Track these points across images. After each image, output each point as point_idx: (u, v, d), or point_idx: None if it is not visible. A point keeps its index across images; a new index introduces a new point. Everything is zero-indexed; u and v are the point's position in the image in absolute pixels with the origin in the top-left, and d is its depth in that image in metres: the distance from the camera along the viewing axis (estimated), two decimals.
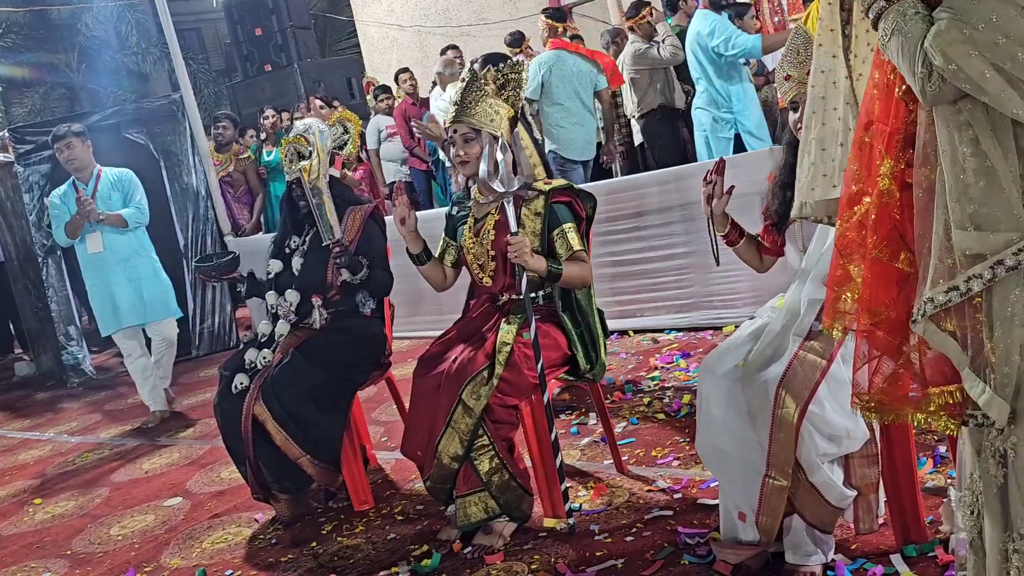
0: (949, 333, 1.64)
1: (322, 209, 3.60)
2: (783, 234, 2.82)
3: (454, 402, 3.01)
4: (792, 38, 2.67)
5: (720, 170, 2.82)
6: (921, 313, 1.66)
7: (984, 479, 1.67)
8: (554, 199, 3.20)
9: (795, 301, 2.63)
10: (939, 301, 1.63)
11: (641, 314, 5.55)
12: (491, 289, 3.31)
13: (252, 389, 3.57)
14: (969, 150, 1.57)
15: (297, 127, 3.77)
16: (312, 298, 3.77)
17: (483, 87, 3.22)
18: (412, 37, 13.43)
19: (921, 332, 1.67)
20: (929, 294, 1.64)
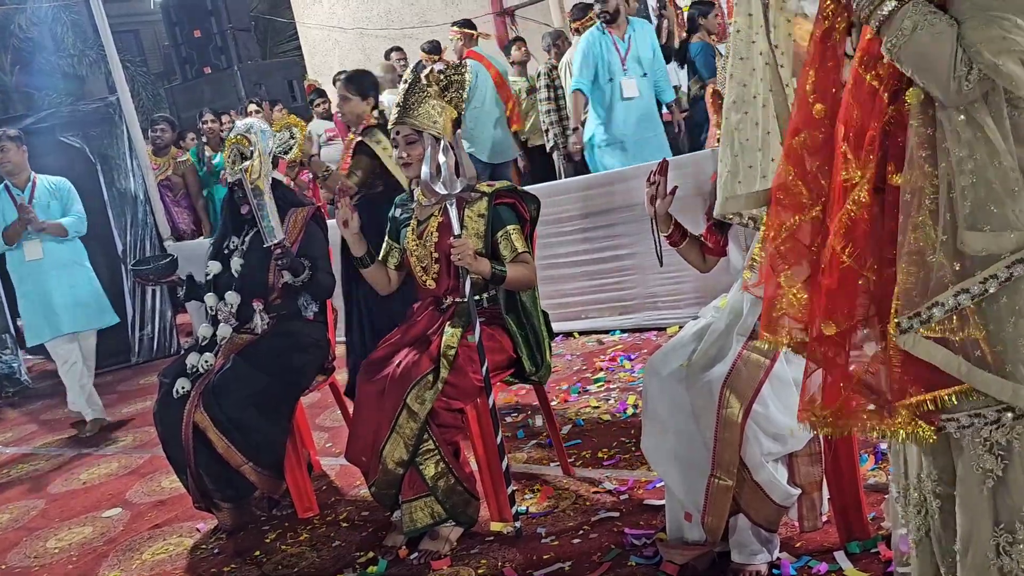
0: (934, 340, 1.59)
1: (263, 210, 3.54)
2: (726, 234, 2.83)
3: (399, 407, 2.97)
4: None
5: (663, 171, 2.83)
6: (920, 322, 1.59)
7: (969, 476, 1.64)
8: (498, 201, 3.19)
9: (738, 301, 2.64)
10: (949, 306, 1.56)
11: (586, 315, 5.56)
12: (435, 292, 3.28)
13: (193, 395, 3.51)
14: (984, 149, 1.53)
15: (238, 127, 3.71)
16: (253, 302, 3.72)
17: (426, 88, 3.20)
18: (354, 39, 13.34)
19: (910, 344, 1.60)
20: (940, 298, 1.57)
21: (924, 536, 1.79)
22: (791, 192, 1.78)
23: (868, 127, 1.64)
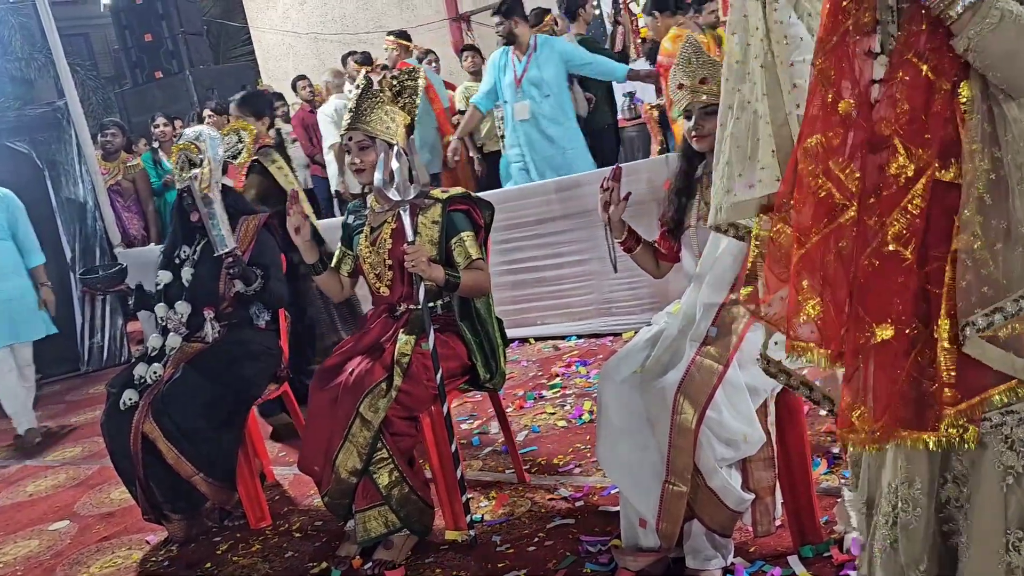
0: (987, 339, 1.56)
1: (214, 219, 3.49)
2: (679, 240, 2.85)
3: (352, 415, 2.94)
4: (683, 47, 2.70)
5: (617, 177, 2.83)
6: (981, 327, 1.55)
7: (989, 473, 1.63)
8: (451, 207, 3.17)
9: (691, 306, 2.65)
10: (1010, 311, 1.53)
11: (542, 322, 5.56)
12: (388, 299, 3.25)
13: (141, 406, 3.44)
14: None
15: (187, 134, 3.65)
16: (204, 310, 3.66)
17: (378, 94, 3.17)
18: (308, 44, 13.26)
19: (974, 348, 1.56)
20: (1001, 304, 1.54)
21: (890, 546, 1.77)
22: (817, 195, 1.72)
23: (924, 119, 1.61)
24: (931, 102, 1.60)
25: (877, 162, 1.66)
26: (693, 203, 2.78)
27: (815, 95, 1.73)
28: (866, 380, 1.67)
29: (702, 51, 2.68)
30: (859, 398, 1.68)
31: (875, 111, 1.66)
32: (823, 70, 1.71)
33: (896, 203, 1.61)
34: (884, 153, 1.64)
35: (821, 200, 1.71)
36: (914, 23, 1.61)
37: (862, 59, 1.69)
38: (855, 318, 1.68)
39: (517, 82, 6.27)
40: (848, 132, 1.69)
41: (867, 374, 1.67)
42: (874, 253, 1.64)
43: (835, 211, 1.70)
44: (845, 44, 1.69)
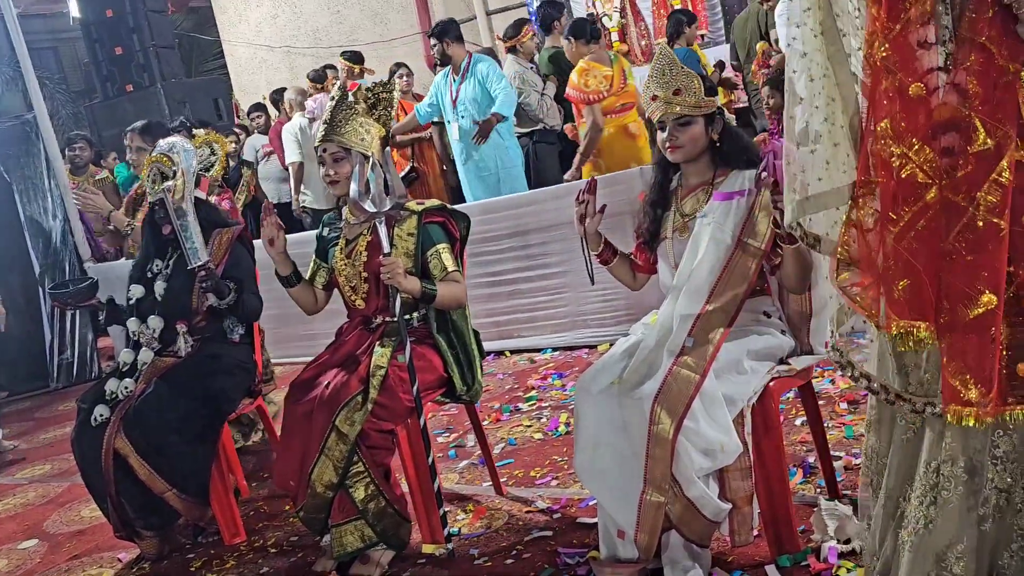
0: None
1: (187, 231, 3.46)
2: (655, 252, 2.85)
3: (327, 429, 2.92)
4: (657, 59, 2.71)
5: (592, 190, 2.84)
6: None
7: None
8: (427, 219, 3.16)
9: (668, 317, 2.65)
10: None
11: (518, 334, 5.55)
12: (364, 311, 3.24)
13: (113, 421, 3.40)
14: None
15: (161, 146, 3.63)
16: (177, 324, 3.63)
17: (353, 106, 3.16)
18: (281, 58, 13.24)
19: None
20: None
21: (924, 527, 1.86)
22: (900, 175, 1.80)
23: (997, 98, 1.72)
24: (1001, 83, 1.71)
25: (946, 143, 1.76)
26: (669, 215, 2.79)
27: (879, 82, 1.83)
28: (975, 352, 1.74)
29: (676, 62, 2.69)
30: (967, 371, 1.75)
31: (945, 94, 1.77)
32: (886, 58, 1.81)
33: (984, 177, 1.71)
34: (952, 134, 1.76)
35: (904, 180, 1.80)
36: (979, 11, 1.72)
37: (922, 48, 1.80)
38: (953, 292, 1.76)
39: (453, 102, 6.44)
40: (918, 115, 1.79)
41: (971, 346, 1.75)
42: (966, 228, 1.74)
43: (920, 189, 1.79)
44: (906, 33, 1.80)
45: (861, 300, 1.93)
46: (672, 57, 2.69)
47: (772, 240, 2.58)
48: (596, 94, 5.66)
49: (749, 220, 2.61)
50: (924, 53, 1.82)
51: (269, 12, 13.51)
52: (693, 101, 2.65)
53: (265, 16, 13.57)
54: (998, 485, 1.82)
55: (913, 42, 1.82)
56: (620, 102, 5.79)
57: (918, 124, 1.80)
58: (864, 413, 3.41)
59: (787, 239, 2.49)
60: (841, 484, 2.91)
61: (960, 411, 1.75)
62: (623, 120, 5.81)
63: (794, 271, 2.59)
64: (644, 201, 2.86)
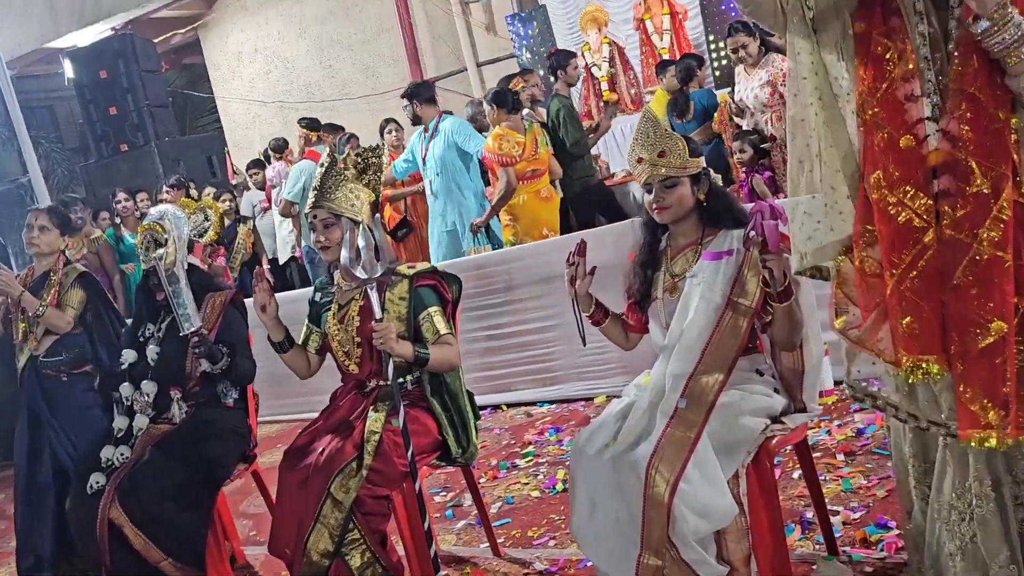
0: None
1: (179, 298, 3.48)
2: (646, 312, 2.86)
3: (323, 496, 2.91)
4: (641, 122, 2.74)
5: (582, 252, 2.85)
6: None
7: None
8: (418, 283, 3.18)
9: (660, 378, 2.65)
10: None
11: (514, 387, 5.54)
12: (358, 376, 3.24)
13: (108, 490, 3.39)
14: None
15: (152, 214, 3.65)
16: (171, 390, 3.63)
17: (343, 172, 3.18)
18: (275, 112, 13.35)
19: None
20: None
21: (970, 541, 2.02)
22: (898, 220, 1.95)
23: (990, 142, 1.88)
24: (992, 129, 1.88)
25: (943, 186, 1.92)
26: (659, 275, 2.80)
27: (871, 137, 2.00)
28: (988, 378, 1.87)
29: (659, 125, 2.72)
30: (984, 396, 1.87)
31: (939, 141, 1.93)
32: (875, 115, 1.99)
33: (985, 215, 1.87)
34: (948, 177, 1.92)
35: (902, 225, 1.94)
36: (966, 64, 1.90)
37: (910, 101, 1.96)
38: (961, 325, 1.89)
39: (422, 160, 6.71)
40: (910, 165, 1.94)
41: (984, 372, 1.87)
42: (972, 262, 1.88)
43: (918, 233, 1.93)
44: (893, 91, 1.97)
45: (864, 340, 2.04)
46: (655, 120, 2.72)
47: (762, 298, 2.59)
48: (509, 157, 6.03)
49: (738, 279, 2.62)
50: (912, 106, 1.97)
51: (262, 68, 13.66)
52: (678, 163, 2.68)
53: (258, 72, 13.71)
54: (1021, 502, 2.00)
55: (901, 97, 1.97)
56: (531, 168, 6.14)
57: (911, 173, 1.94)
58: (861, 464, 3.42)
59: (777, 297, 2.51)
60: (839, 540, 2.90)
61: (981, 435, 1.87)
62: (535, 186, 6.18)
63: (785, 329, 2.60)
64: (634, 262, 2.87)
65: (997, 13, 1.82)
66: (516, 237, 6.12)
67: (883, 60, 1.99)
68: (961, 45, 1.92)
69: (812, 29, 2.08)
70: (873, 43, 2.00)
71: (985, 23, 1.83)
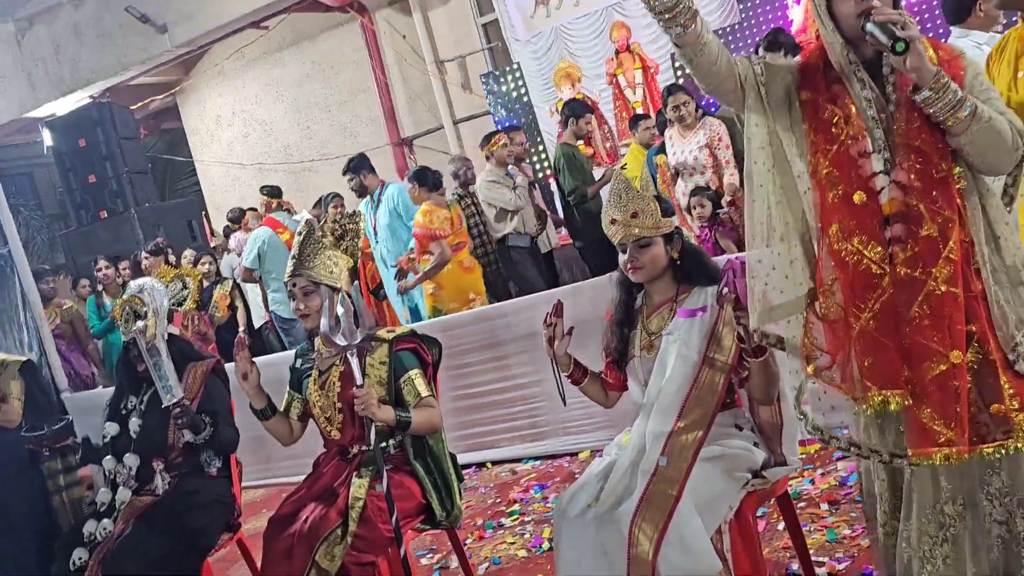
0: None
1: (160, 370, 3.48)
2: (624, 370, 2.89)
3: (308, 565, 2.90)
4: (614, 184, 2.79)
5: (559, 313, 2.88)
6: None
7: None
8: (398, 347, 3.20)
9: (640, 436, 2.68)
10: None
11: (498, 444, 5.53)
12: (340, 442, 3.24)
13: (91, 565, 3.36)
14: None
15: (131, 287, 3.67)
16: (154, 462, 3.61)
17: (321, 239, 3.22)
18: (254, 174, 13.42)
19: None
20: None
21: (942, 564, 2.13)
22: (858, 268, 2.12)
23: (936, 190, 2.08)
24: (937, 178, 2.07)
25: (894, 233, 2.10)
26: (635, 333, 2.84)
27: (825, 194, 2.16)
28: (942, 400, 2.04)
29: (631, 186, 2.77)
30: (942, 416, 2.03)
31: (891, 191, 2.10)
32: (829, 174, 2.16)
33: (936, 255, 2.05)
34: (899, 225, 2.09)
35: (861, 272, 2.11)
36: (909, 122, 2.09)
37: (862, 158, 2.13)
38: (920, 354, 2.06)
39: (374, 229, 7.03)
40: (863, 217, 2.11)
41: (941, 394, 2.04)
42: (927, 298, 2.06)
43: (876, 279, 2.10)
44: (844, 150, 2.14)
45: (833, 381, 2.18)
46: (628, 182, 2.78)
47: (738, 354, 2.63)
48: (441, 231, 6.34)
49: (714, 336, 2.66)
50: (865, 162, 2.14)
51: (240, 131, 13.76)
52: (651, 223, 2.72)
53: (236, 135, 13.81)
54: (997, 518, 2.11)
55: (854, 154, 2.14)
56: (456, 240, 6.46)
57: (864, 224, 2.11)
58: (845, 513, 3.43)
59: (752, 352, 2.55)
60: None
61: (936, 452, 2.03)
62: (458, 257, 6.51)
63: (761, 383, 2.64)
64: (610, 321, 2.91)
65: (936, 83, 2.03)
66: (441, 304, 6.40)
67: (831, 124, 2.16)
68: (902, 106, 2.12)
69: (766, 103, 2.24)
70: (820, 109, 2.18)
71: (926, 92, 2.04)
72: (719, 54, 2.18)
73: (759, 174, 2.25)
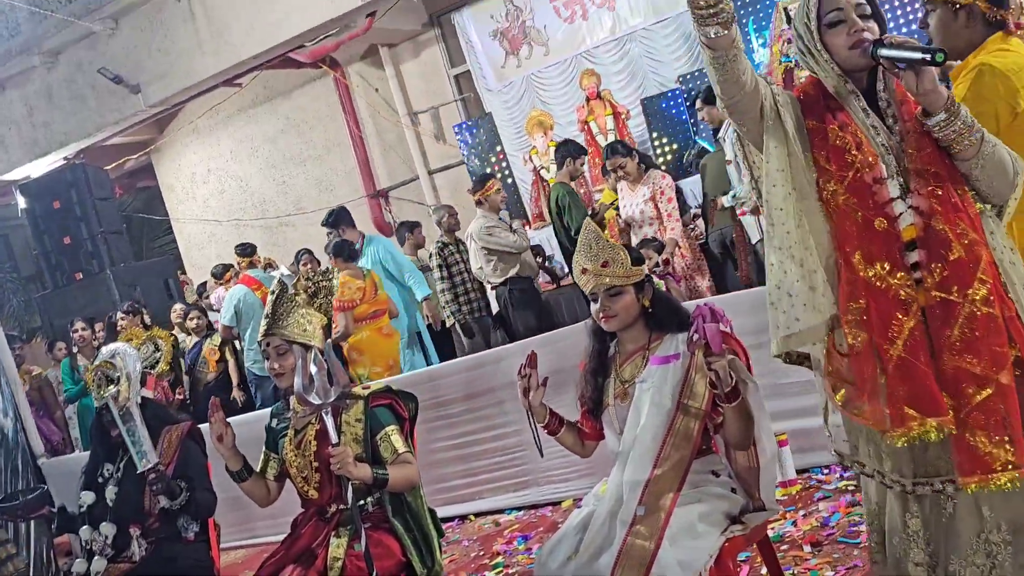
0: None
1: (134, 435, 3.46)
2: (600, 419, 2.89)
3: None
4: (583, 234, 2.81)
5: (532, 364, 2.89)
6: None
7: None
8: (374, 403, 3.19)
9: (617, 486, 2.67)
10: None
11: (480, 496, 5.49)
12: (318, 501, 3.21)
13: None
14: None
15: (103, 353, 3.65)
16: (130, 528, 3.57)
17: (293, 298, 3.21)
18: (230, 230, 13.40)
19: None
20: None
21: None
22: (887, 295, 2.08)
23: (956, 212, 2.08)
24: (954, 201, 2.08)
25: (921, 257, 2.09)
26: (609, 382, 2.84)
27: (845, 221, 2.13)
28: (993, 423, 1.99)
29: (601, 236, 2.79)
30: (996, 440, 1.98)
31: (913, 217, 2.09)
32: (846, 200, 2.13)
33: (970, 276, 2.04)
34: (920, 251, 2.09)
35: (891, 298, 2.07)
36: (920, 148, 2.11)
37: (877, 184, 2.12)
38: (961, 379, 2.02)
39: None
40: (886, 243, 2.09)
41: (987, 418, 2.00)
42: (967, 321, 2.03)
43: (905, 304, 2.06)
44: (860, 177, 2.12)
45: (862, 413, 2.10)
46: (597, 232, 2.80)
47: (711, 400, 2.64)
48: (350, 303, 6.59)
49: (687, 382, 2.67)
50: (880, 188, 2.12)
51: (216, 187, 13.77)
52: (622, 272, 2.74)
53: (212, 191, 13.82)
54: None
55: (869, 180, 2.12)
56: (372, 309, 6.74)
57: (887, 250, 2.09)
58: (828, 555, 3.42)
59: (725, 398, 2.55)
60: None
61: (1000, 476, 1.97)
62: (377, 324, 6.80)
63: (736, 428, 2.64)
64: (584, 370, 2.91)
65: (951, 106, 2.05)
66: (365, 369, 6.62)
67: (843, 151, 2.14)
68: (910, 134, 2.13)
69: (784, 125, 2.18)
70: (829, 136, 2.16)
71: (942, 115, 2.06)
72: (747, 67, 2.12)
73: (777, 198, 2.18)
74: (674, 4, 10.33)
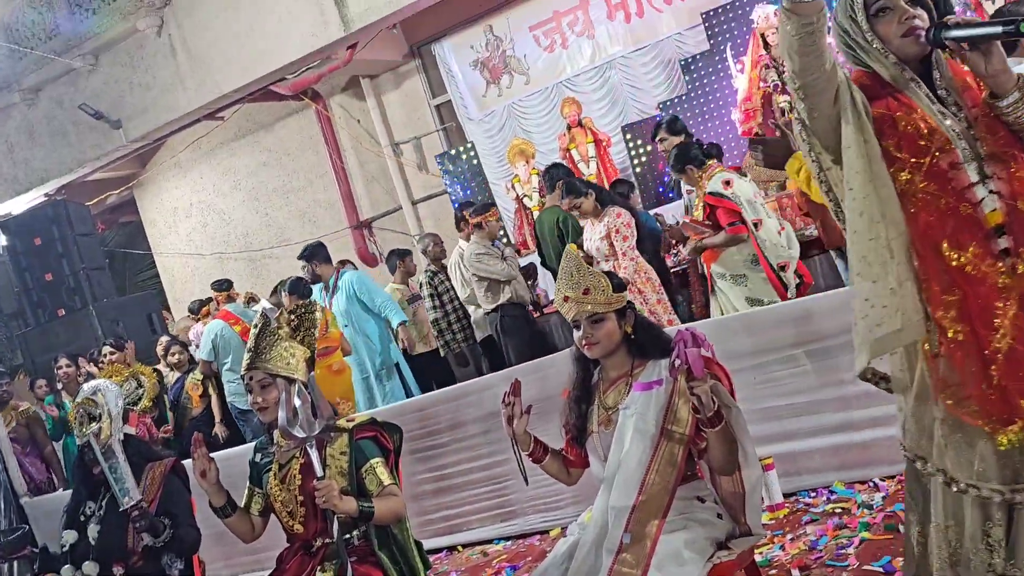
0: None
1: (117, 472, 3.43)
2: (584, 446, 2.88)
3: None
4: (564, 261, 2.82)
5: (516, 392, 2.88)
6: None
7: None
8: (358, 436, 3.17)
9: (602, 513, 2.67)
10: None
11: (468, 527, 5.45)
12: (303, 536, 3.19)
13: None
14: None
15: (85, 390, 3.62)
16: (113, 567, 3.53)
17: (276, 331, 3.20)
18: (213, 263, 13.39)
19: None
20: None
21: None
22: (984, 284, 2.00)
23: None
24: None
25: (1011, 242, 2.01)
26: (593, 409, 2.84)
27: (926, 210, 2.05)
28: None
29: (582, 263, 2.80)
30: None
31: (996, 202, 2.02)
32: (926, 187, 2.05)
33: None
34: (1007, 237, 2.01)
35: (990, 286, 2.00)
36: (992, 131, 2.05)
37: (955, 170, 2.05)
38: None
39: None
40: (972, 229, 2.02)
41: None
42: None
43: (1003, 291, 1.99)
44: (936, 163, 2.05)
45: (977, 414, 2.01)
46: (579, 260, 2.81)
47: (695, 425, 2.64)
48: None
49: (670, 408, 2.67)
50: (958, 173, 2.06)
51: (199, 221, 13.75)
52: (603, 299, 2.75)
53: (195, 225, 13.80)
54: None
55: (945, 166, 2.06)
56: (323, 346, 6.68)
57: (974, 235, 2.03)
58: None
59: (708, 422, 2.55)
60: None
61: None
62: (327, 361, 6.85)
63: (720, 452, 2.64)
64: (568, 398, 2.91)
65: (1020, 89, 2.00)
66: None
67: (916, 136, 2.07)
68: (980, 118, 2.07)
69: (860, 109, 2.08)
70: (899, 122, 2.08)
71: (1015, 95, 2.00)
72: (828, 48, 2.02)
73: (861, 198, 2.04)
74: (653, 32, 10.45)
